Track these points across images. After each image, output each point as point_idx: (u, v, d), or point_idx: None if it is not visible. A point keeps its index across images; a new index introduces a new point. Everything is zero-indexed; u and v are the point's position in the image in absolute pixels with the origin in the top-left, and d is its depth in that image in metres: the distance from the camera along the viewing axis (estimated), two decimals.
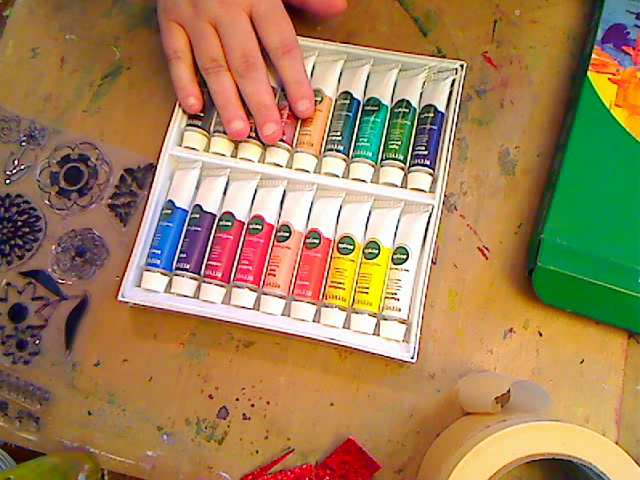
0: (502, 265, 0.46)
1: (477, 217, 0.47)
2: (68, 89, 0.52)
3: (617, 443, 0.37)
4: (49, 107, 0.52)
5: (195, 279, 0.45)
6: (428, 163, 0.45)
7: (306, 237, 0.45)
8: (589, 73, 0.46)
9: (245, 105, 0.46)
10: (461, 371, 0.45)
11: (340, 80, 0.48)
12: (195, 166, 0.47)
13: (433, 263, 0.46)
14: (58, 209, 0.49)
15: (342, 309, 0.43)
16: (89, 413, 0.45)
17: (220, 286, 0.44)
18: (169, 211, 0.46)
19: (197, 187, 0.47)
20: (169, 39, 0.46)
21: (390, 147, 0.46)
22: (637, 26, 0.47)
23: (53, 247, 0.48)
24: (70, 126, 0.51)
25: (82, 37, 0.53)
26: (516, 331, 0.45)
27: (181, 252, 0.45)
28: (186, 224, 0.46)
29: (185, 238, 0.45)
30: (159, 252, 0.45)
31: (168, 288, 0.45)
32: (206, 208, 0.46)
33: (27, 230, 0.49)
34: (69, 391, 0.46)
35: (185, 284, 0.44)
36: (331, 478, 0.43)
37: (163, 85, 0.50)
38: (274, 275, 0.44)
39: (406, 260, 0.43)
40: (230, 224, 0.45)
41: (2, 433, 0.46)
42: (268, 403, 0.45)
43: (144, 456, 0.44)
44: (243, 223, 0.46)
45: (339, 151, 0.46)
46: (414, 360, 0.42)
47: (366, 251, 0.44)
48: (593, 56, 0.46)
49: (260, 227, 0.45)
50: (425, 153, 0.45)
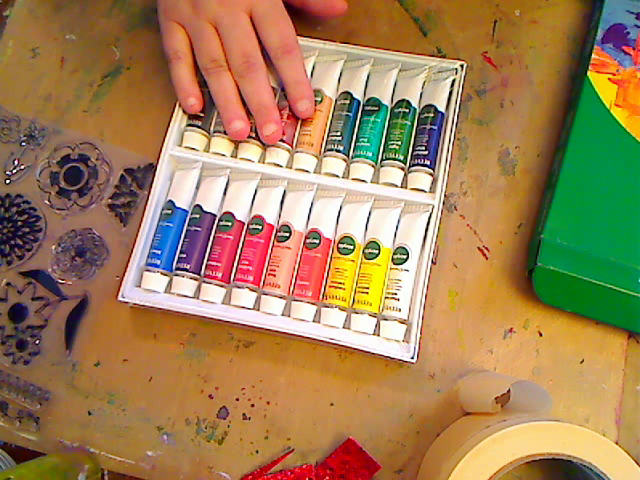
0: (502, 265, 0.46)
1: (477, 217, 0.47)
2: (68, 89, 0.52)
3: (617, 443, 0.37)
4: (49, 107, 0.52)
5: (195, 279, 0.45)
6: (428, 163, 0.45)
7: (306, 237, 0.45)
8: (589, 73, 0.46)
9: (245, 105, 0.46)
10: (461, 371, 0.45)
11: (340, 80, 0.48)
12: (195, 166, 0.47)
13: (433, 263, 0.46)
14: (58, 209, 0.49)
15: (342, 309, 0.43)
16: (89, 413, 0.45)
17: (220, 286, 0.44)
18: (169, 211, 0.46)
19: (197, 187, 0.47)
20: (169, 39, 0.46)
21: (390, 147, 0.46)
22: (637, 26, 0.47)
23: (53, 247, 0.48)
24: (70, 126, 0.51)
25: (82, 37, 0.53)
26: (516, 331, 0.45)
27: (181, 252, 0.45)
28: (186, 224, 0.46)
29: (185, 238, 0.45)
30: (159, 252, 0.45)
31: (168, 288, 0.45)
32: (206, 208, 0.46)
33: (27, 230, 0.49)
34: (69, 391, 0.46)
35: (185, 284, 0.44)
36: (331, 478, 0.43)
37: (163, 85, 0.50)
38: (274, 275, 0.44)
39: (406, 260, 0.43)
40: (230, 224, 0.45)
41: (2, 433, 0.46)
42: (268, 403, 0.45)
43: (144, 456, 0.44)
44: (243, 223, 0.46)
45: (339, 151, 0.46)
46: (414, 360, 0.42)
47: (366, 251, 0.44)
48: (593, 56, 0.46)
49: (260, 227, 0.45)
50: (425, 153, 0.45)
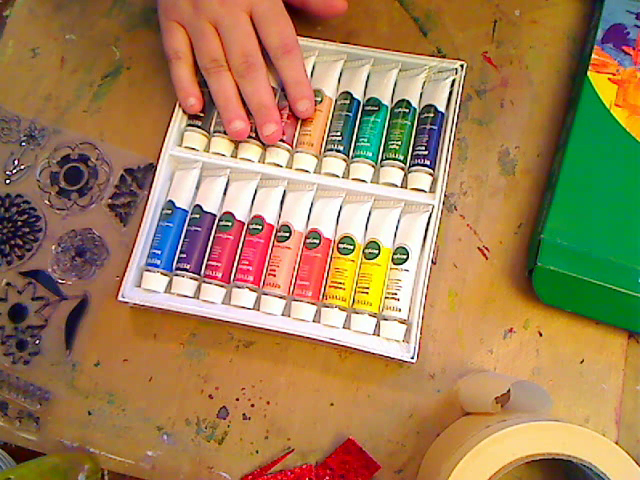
0: (502, 265, 0.46)
1: (477, 217, 0.47)
2: (68, 89, 0.52)
3: (617, 443, 0.37)
4: (49, 107, 0.52)
5: (195, 279, 0.45)
6: (428, 163, 0.45)
7: (306, 237, 0.45)
8: (589, 73, 0.46)
9: (245, 105, 0.46)
10: (461, 371, 0.45)
11: (340, 80, 0.48)
12: (195, 166, 0.47)
13: (433, 263, 0.46)
14: (58, 209, 0.49)
15: (342, 309, 0.43)
16: (89, 413, 0.45)
17: (220, 286, 0.44)
18: (169, 211, 0.46)
19: (197, 187, 0.47)
20: (169, 39, 0.46)
21: (390, 147, 0.46)
22: (637, 26, 0.47)
23: (53, 247, 0.48)
24: (70, 126, 0.51)
25: (82, 37, 0.53)
26: (516, 331, 0.45)
27: (181, 252, 0.45)
28: (186, 224, 0.46)
29: (185, 238, 0.45)
30: (159, 252, 0.45)
31: (168, 288, 0.45)
32: (206, 208, 0.46)
33: (27, 230, 0.49)
34: (69, 391, 0.46)
35: (185, 284, 0.44)
36: (331, 478, 0.43)
37: (163, 85, 0.50)
38: (274, 275, 0.44)
39: (406, 260, 0.43)
40: (230, 224, 0.45)
41: (2, 433, 0.46)
42: (268, 403, 0.45)
43: (144, 456, 0.44)
44: (243, 223, 0.46)
45: (339, 151, 0.46)
46: (414, 360, 0.42)
47: (366, 251, 0.44)
48: (593, 56, 0.46)
49: (260, 227, 0.45)
50: (425, 153, 0.45)
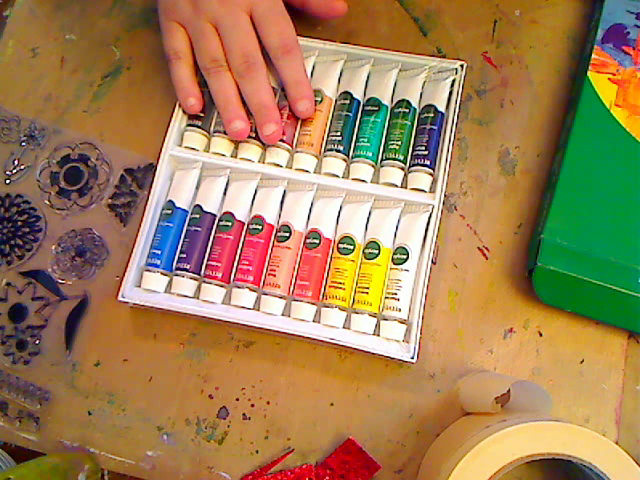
0: (502, 265, 0.46)
1: (477, 217, 0.47)
2: (68, 89, 0.52)
3: (617, 443, 0.37)
4: (49, 107, 0.52)
5: (195, 279, 0.45)
6: (428, 163, 0.45)
7: (306, 237, 0.45)
8: (589, 73, 0.46)
9: (245, 105, 0.46)
10: (461, 371, 0.45)
11: (340, 80, 0.48)
12: (195, 166, 0.47)
13: (433, 263, 0.46)
14: (58, 209, 0.49)
15: (342, 309, 0.43)
16: (89, 413, 0.45)
17: (220, 286, 0.44)
18: (169, 211, 0.46)
19: (197, 187, 0.47)
20: (169, 39, 0.46)
21: (390, 147, 0.46)
22: (637, 26, 0.47)
23: (53, 247, 0.48)
24: (70, 126, 0.51)
25: (82, 37, 0.53)
26: (516, 331, 0.45)
27: (181, 252, 0.45)
28: (186, 224, 0.46)
29: (185, 238, 0.45)
30: (159, 252, 0.45)
31: (168, 288, 0.45)
32: (206, 208, 0.46)
33: (27, 230, 0.49)
34: (69, 391, 0.46)
35: (185, 284, 0.44)
36: (331, 478, 0.43)
37: (163, 85, 0.50)
38: (274, 275, 0.44)
39: (406, 260, 0.43)
40: (230, 224, 0.45)
41: (2, 433, 0.46)
42: (268, 403, 0.45)
43: (144, 456, 0.44)
44: (243, 223, 0.46)
45: (339, 151, 0.46)
46: (414, 360, 0.42)
47: (366, 251, 0.44)
48: (593, 56, 0.46)
49: (260, 227, 0.45)
50: (425, 153, 0.45)
